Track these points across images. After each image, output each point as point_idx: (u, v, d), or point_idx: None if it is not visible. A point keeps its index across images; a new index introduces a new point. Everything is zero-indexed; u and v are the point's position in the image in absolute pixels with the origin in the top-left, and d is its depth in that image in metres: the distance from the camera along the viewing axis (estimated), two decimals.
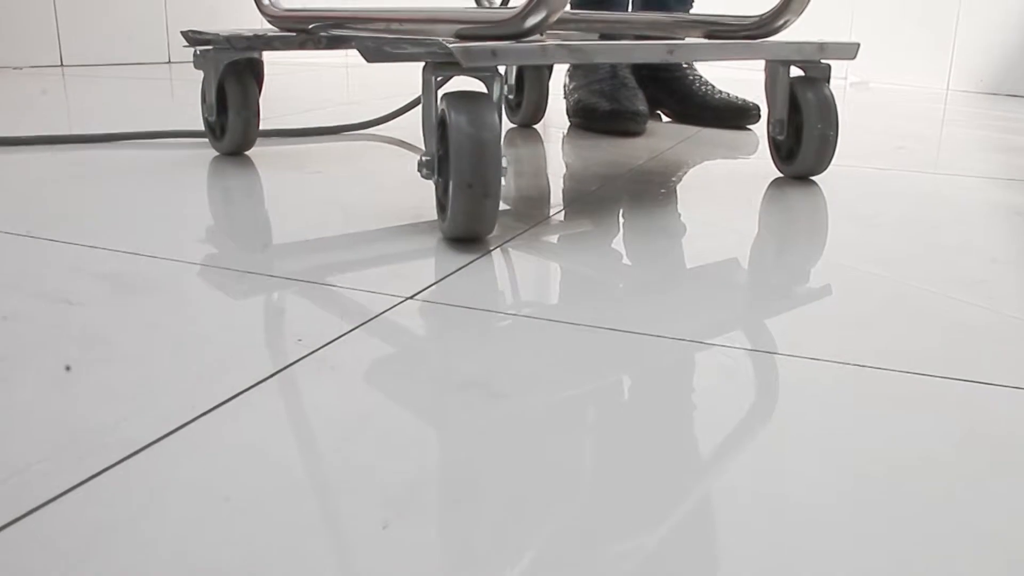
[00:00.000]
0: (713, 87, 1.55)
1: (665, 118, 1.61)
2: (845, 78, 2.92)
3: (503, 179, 0.70)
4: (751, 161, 1.21)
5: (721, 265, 0.73)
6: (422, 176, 0.73)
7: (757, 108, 1.51)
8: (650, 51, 0.83)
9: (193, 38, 1.11)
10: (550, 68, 1.44)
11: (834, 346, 0.56)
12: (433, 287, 0.64)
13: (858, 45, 1.05)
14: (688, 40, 0.88)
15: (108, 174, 1.04)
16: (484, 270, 0.68)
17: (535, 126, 1.47)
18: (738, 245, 0.80)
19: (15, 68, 2.82)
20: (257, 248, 0.74)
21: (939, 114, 1.99)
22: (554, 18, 0.74)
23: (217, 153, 1.16)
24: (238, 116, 1.10)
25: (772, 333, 0.58)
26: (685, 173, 1.13)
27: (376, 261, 0.71)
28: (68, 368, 0.49)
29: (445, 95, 0.71)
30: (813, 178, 1.09)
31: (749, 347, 0.56)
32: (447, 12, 0.83)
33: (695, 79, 1.55)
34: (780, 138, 1.06)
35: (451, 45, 0.67)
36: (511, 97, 1.45)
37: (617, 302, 0.63)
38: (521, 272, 0.70)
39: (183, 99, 1.88)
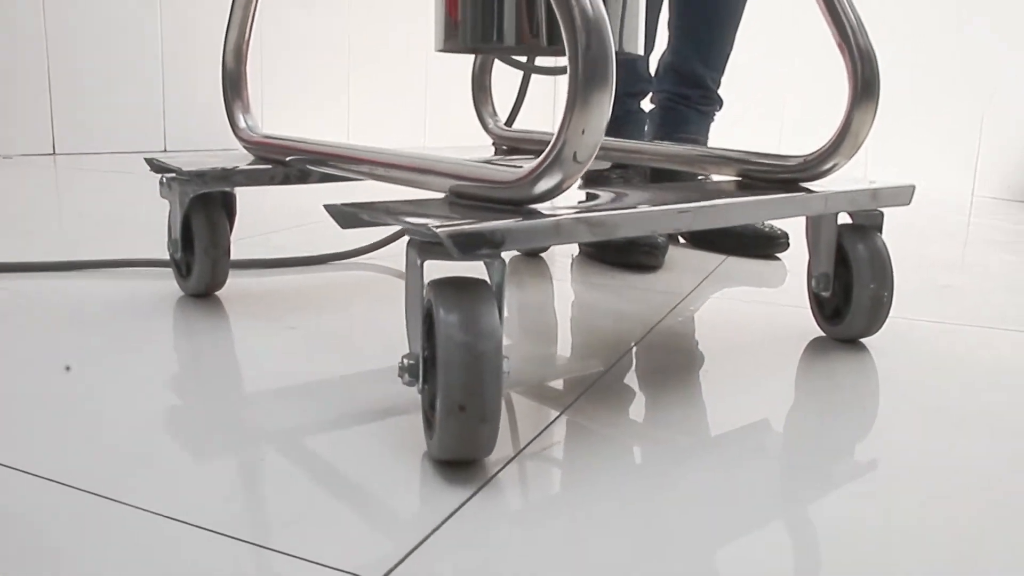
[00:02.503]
0: None
1: (682, 240, 1.48)
2: (864, 177, 2.80)
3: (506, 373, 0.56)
4: (787, 309, 1.07)
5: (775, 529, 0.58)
6: (403, 383, 0.59)
7: (785, 236, 1.37)
8: (682, 218, 0.69)
9: (157, 166, 0.98)
10: None
11: None
12: (411, 557, 0.49)
13: (913, 188, 0.92)
14: (727, 200, 0.75)
15: (27, 321, 0.89)
16: (483, 519, 0.53)
17: (542, 255, 1.34)
18: (793, 481, 0.65)
19: (4, 156, 2.72)
20: (173, 459, 0.59)
21: (972, 231, 1.86)
22: (569, 184, 0.60)
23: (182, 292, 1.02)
24: (206, 256, 0.97)
25: None
26: (714, 334, 0.99)
27: (333, 493, 0.56)
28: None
29: (433, 283, 0.57)
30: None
31: None
32: (442, 164, 0.70)
33: None
34: (824, 295, 0.92)
35: (441, 231, 0.53)
36: None
37: None
38: (534, 516, 0.55)
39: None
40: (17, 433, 0.63)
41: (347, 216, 0.62)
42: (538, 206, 0.62)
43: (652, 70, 1.48)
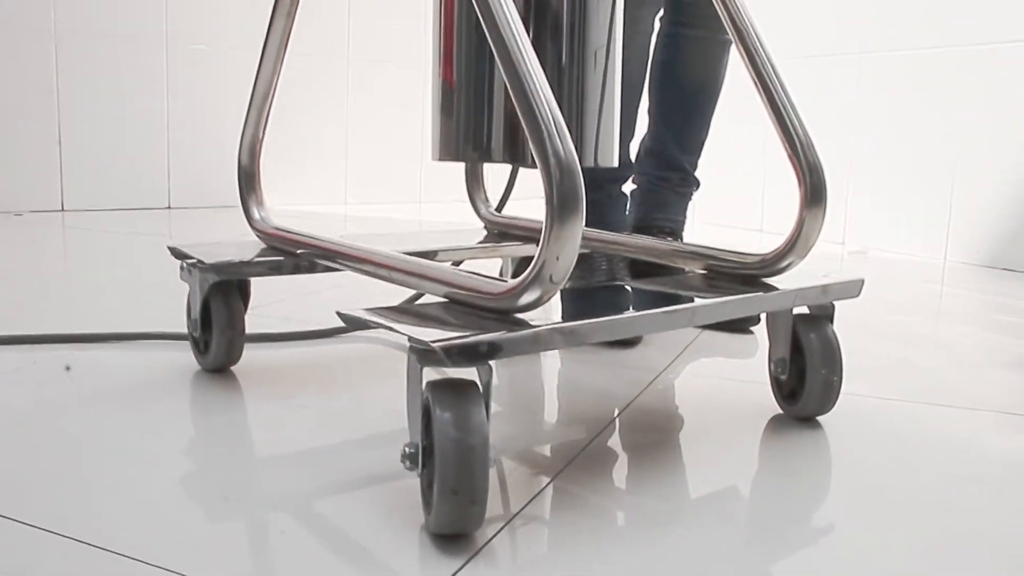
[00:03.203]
0: None
1: None
2: (843, 243, 2.93)
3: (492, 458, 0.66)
4: (753, 386, 1.17)
5: None
6: (405, 468, 0.68)
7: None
8: (648, 322, 0.80)
9: (180, 254, 1.09)
10: None
11: None
12: None
13: (862, 282, 1.03)
14: (692, 305, 0.85)
15: (52, 392, 0.99)
16: None
17: None
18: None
19: (16, 214, 2.83)
20: (187, 522, 0.69)
21: (939, 301, 1.97)
22: (548, 299, 0.71)
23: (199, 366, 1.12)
24: (223, 336, 1.07)
25: None
26: (687, 407, 1.09)
27: (340, 557, 0.66)
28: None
29: (430, 384, 0.67)
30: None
31: None
32: (439, 271, 0.80)
33: None
34: (782, 378, 1.02)
35: (437, 345, 0.63)
36: None
37: None
38: None
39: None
40: (41, 497, 0.73)
41: (356, 322, 0.72)
42: (521, 315, 0.72)
43: (632, 155, 1.59)
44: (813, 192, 0.94)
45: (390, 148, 3.70)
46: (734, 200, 3.23)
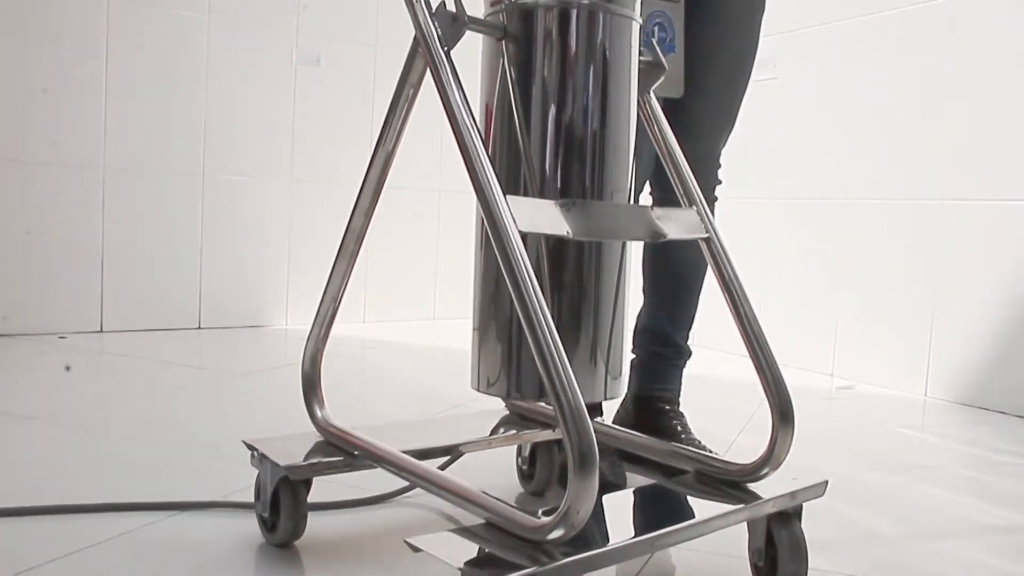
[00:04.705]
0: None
1: None
2: (831, 375, 3.13)
3: None
4: (736, 560, 1.35)
5: None
6: None
7: None
8: (655, 543, 1.01)
9: (252, 447, 1.29)
10: (560, 445, 1.61)
11: None
12: None
13: (826, 483, 1.23)
14: (687, 524, 1.06)
15: (134, 561, 1.19)
16: None
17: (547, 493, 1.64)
18: None
19: (60, 337, 3.06)
20: None
21: (914, 452, 2.16)
22: (570, 536, 0.91)
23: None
24: (289, 519, 1.27)
25: None
26: None
27: None
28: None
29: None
30: None
31: None
32: (482, 500, 1.01)
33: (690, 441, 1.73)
34: (759, 564, 1.22)
35: None
36: (525, 468, 1.63)
37: None
38: None
39: (220, 403, 1.99)
40: None
41: (418, 549, 0.93)
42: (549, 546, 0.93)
43: None
44: (782, 417, 1.15)
45: (406, 269, 3.96)
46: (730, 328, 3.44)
